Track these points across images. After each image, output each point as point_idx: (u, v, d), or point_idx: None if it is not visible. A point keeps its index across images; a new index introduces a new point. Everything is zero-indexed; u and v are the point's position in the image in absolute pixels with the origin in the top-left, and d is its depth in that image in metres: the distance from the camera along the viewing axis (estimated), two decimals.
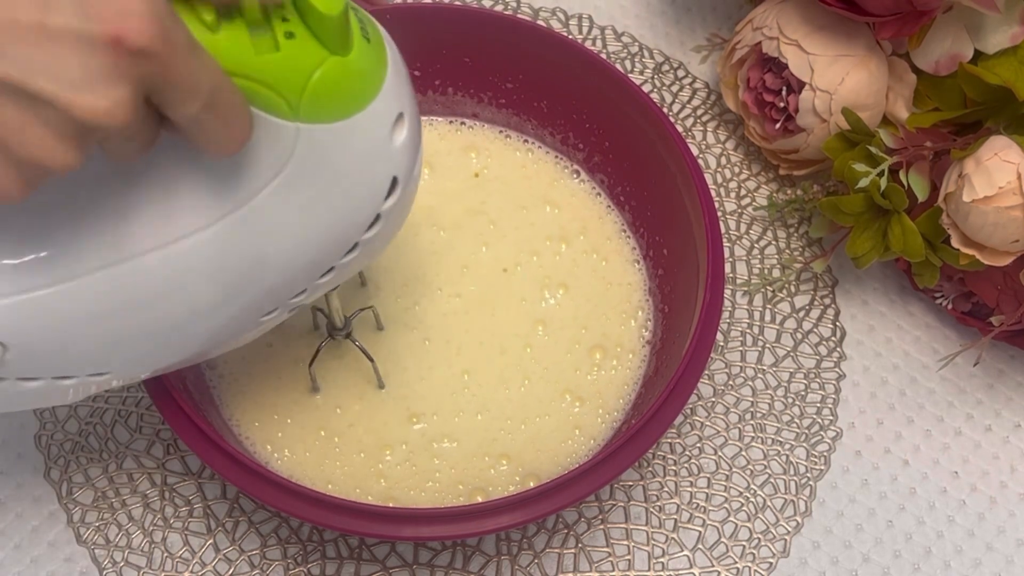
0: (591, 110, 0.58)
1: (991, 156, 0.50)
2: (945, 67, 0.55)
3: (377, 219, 0.40)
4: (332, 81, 0.35)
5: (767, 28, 0.58)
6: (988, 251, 0.51)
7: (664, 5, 0.70)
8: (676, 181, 0.53)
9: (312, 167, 0.36)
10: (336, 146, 0.36)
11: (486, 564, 0.52)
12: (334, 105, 0.35)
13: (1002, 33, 0.54)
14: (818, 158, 0.59)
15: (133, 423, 0.53)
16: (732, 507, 0.54)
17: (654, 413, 0.46)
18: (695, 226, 0.51)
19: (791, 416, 0.56)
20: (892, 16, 0.54)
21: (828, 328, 0.59)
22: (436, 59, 0.59)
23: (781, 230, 0.62)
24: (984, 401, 0.58)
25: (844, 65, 0.56)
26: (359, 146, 0.37)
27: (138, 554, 0.51)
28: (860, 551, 0.54)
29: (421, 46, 0.58)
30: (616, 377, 0.54)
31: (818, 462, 0.55)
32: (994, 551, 0.54)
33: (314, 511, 0.43)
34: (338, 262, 0.41)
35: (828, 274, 0.61)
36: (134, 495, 0.52)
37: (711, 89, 0.67)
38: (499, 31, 0.57)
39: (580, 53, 0.56)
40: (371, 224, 0.40)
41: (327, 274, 0.41)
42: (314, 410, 0.51)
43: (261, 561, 0.51)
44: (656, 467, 0.55)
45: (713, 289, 0.49)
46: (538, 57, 0.57)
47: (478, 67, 0.59)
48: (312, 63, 0.34)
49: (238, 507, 0.52)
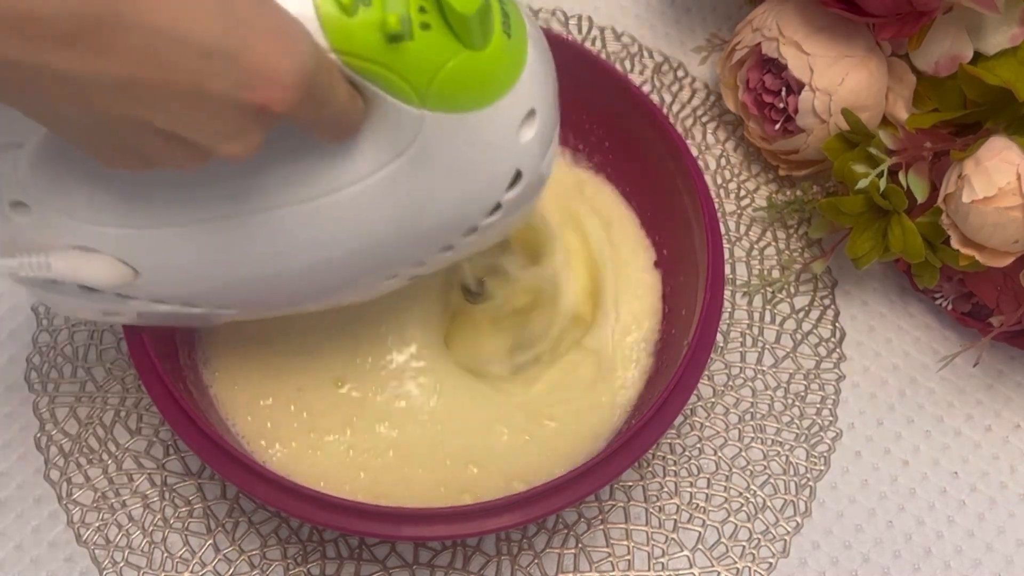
0: (591, 110, 0.58)
1: (991, 157, 0.50)
2: (945, 68, 0.55)
3: (498, 207, 0.40)
4: (462, 75, 0.35)
5: (767, 29, 0.58)
6: (988, 252, 0.51)
7: (664, 6, 0.70)
8: (676, 182, 0.53)
9: (435, 152, 0.37)
10: (461, 136, 0.36)
11: (486, 564, 0.52)
12: (462, 97, 0.35)
13: (1002, 34, 0.54)
14: (818, 159, 0.59)
15: (133, 424, 0.53)
16: (732, 507, 0.54)
17: (654, 413, 0.46)
18: (695, 227, 0.51)
19: (791, 417, 0.56)
20: (892, 17, 0.54)
21: (828, 329, 0.59)
22: None
23: (781, 231, 0.62)
24: (984, 401, 0.58)
25: (844, 66, 0.56)
26: (484, 138, 0.37)
27: (138, 554, 0.51)
28: (860, 551, 0.54)
29: None
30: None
31: (818, 462, 0.55)
32: (994, 551, 0.54)
33: (314, 511, 0.43)
34: (458, 241, 0.41)
35: (828, 275, 0.61)
36: (134, 496, 0.52)
37: (711, 90, 0.67)
38: None
39: (580, 53, 0.56)
40: (492, 211, 0.40)
41: (446, 250, 0.42)
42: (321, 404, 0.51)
43: (261, 561, 0.51)
44: (656, 467, 0.55)
45: (713, 290, 0.49)
46: None
47: None
48: (444, 56, 0.34)
49: (238, 507, 0.52)
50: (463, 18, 0.33)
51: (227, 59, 0.30)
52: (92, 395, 0.54)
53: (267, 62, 0.30)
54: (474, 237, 0.41)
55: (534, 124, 0.38)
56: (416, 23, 0.33)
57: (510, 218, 0.41)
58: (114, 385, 0.54)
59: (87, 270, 0.38)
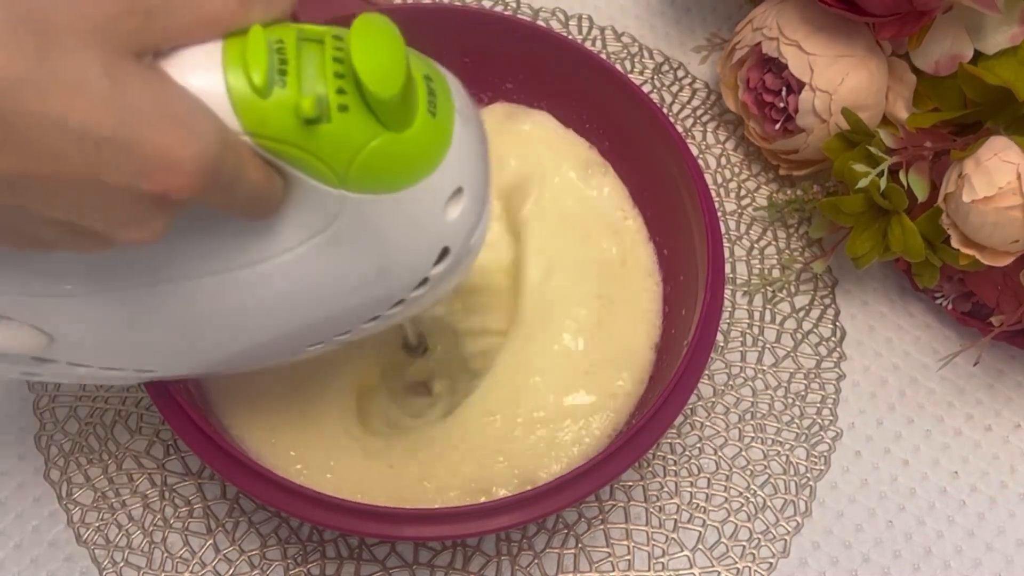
0: (591, 110, 0.58)
1: (991, 156, 0.50)
2: (945, 67, 0.55)
3: (425, 281, 0.39)
4: (383, 157, 0.33)
5: (767, 28, 0.58)
6: (988, 251, 0.51)
7: (664, 5, 0.70)
8: (676, 181, 0.53)
9: (358, 230, 0.36)
10: (384, 215, 0.35)
11: (486, 564, 0.52)
12: (384, 179, 0.34)
13: (1002, 33, 0.54)
14: (818, 158, 0.59)
15: (133, 423, 0.53)
16: (732, 507, 0.54)
17: (654, 413, 0.46)
18: (695, 226, 0.51)
19: (791, 416, 0.56)
20: (892, 16, 0.54)
21: (828, 328, 0.59)
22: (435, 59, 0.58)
23: (781, 230, 0.62)
24: (984, 401, 0.58)
25: (844, 65, 0.56)
26: (409, 217, 0.36)
27: (138, 554, 0.51)
28: (860, 551, 0.54)
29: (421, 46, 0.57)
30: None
31: (818, 462, 0.55)
32: (994, 551, 0.54)
33: (314, 511, 0.43)
34: (384, 313, 0.40)
35: (828, 274, 0.61)
36: (134, 495, 0.52)
37: (711, 89, 0.67)
38: (499, 31, 0.57)
39: (580, 53, 0.56)
40: (418, 285, 0.39)
41: (373, 321, 0.41)
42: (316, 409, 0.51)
43: (261, 561, 0.51)
44: (656, 467, 0.55)
45: (713, 289, 0.49)
46: (538, 57, 0.57)
47: (478, 67, 0.59)
48: (364, 138, 0.33)
49: (238, 507, 0.52)
50: (383, 101, 0.32)
51: (123, 148, 0.28)
52: (92, 395, 0.54)
53: (165, 149, 0.29)
54: (400, 308, 0.40)
55: (461, 202, 0.37)
56: (334, 105, 0.32)
57: (438, 291, 0.40)
58: (114, 386, 0.54)
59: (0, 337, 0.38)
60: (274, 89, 0.31)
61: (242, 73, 0.31)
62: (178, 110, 0.30)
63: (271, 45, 0.32)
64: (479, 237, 0.39)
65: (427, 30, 0.57)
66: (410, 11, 0.57)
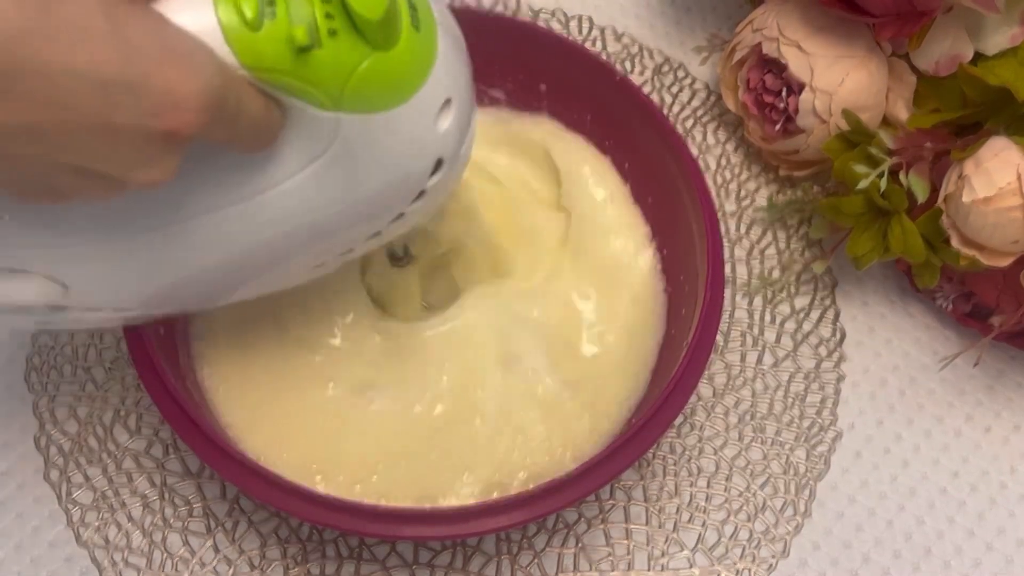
0: (591, 111, 0.58)
1: (991, 157, 0.50)
2: (945, 68, 0.55)
3: (422, 194, 0.40)
4: (374, 76, 0.35)
5: (767, 29, 0.58)
6: (988, 252, 0.51)
7: (664, 6, 0.70)
8: (676, 182, 0.53)
9: (355, 151, 0.37)
10: (379, 133, 0.37)
11: (486, 564, 0.52)
12: (376, 98, 0.36)
13: (1002, 34, 0.54)
14: (818, 159, 0.59)
15: (132, 423, 0.53)
16: (732, 507, 0.54)
17: (654, 413, 0.46)
18: (695, 227, 0.51)
19: (791, 417, 0.56)
20: (892, 17, 0.54)
21: (828, 329, 0.59)
22: None
23: (781, 231, 0.62)
24: (984, 402, 0.58)
25: (844, 66, 0.56)
26: (402, 133, 0.37)
27: (138, 554, 0.51)
28: (860, 551, 0.54)
29: None
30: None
31: (818, 463, 0.55)
32: (994, 551, 0.54)
33: (314, 510, 0.43)
34: (385, 228, 0.42)
35: (828, 275, 0.61)
36: (133, 495, 0.52)
37: (711, 90, 0.67)
38: (499, 32, 0.57)
39: (580, 54, 0.56)
40: (416, 198, 0.40)
41: (374, 237, 0.42)
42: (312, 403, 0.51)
43: (261, 561, 0.51)
44: (656, 467, 0.55)
45: (713, 290, 0.49)
46: (538, 58, 0.57)
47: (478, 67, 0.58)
48: (354, 60, 0.34)
49: (238, 507, 0.52)
50: (370, 22, 0.33)
51: (129, 89, 0.29)
52: (92, 395, 0.54)
53: (171, 87, 0.30)
54: (401, 222, 0.42)
55: (451, 112, 0.38)
56: (324, 31, 0.33)
57: (435, 201, 0.42)
58: (114, 385, 0.54)
59: (16, 290, 0.38)
60: (265, 22, 0.32)
61: (233, 8, 0.32)
62: (178, 47, 0.30)
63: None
64: (468, 144, 0.41)
65: None
66: None
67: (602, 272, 0.56)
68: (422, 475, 0.50)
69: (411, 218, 0.42)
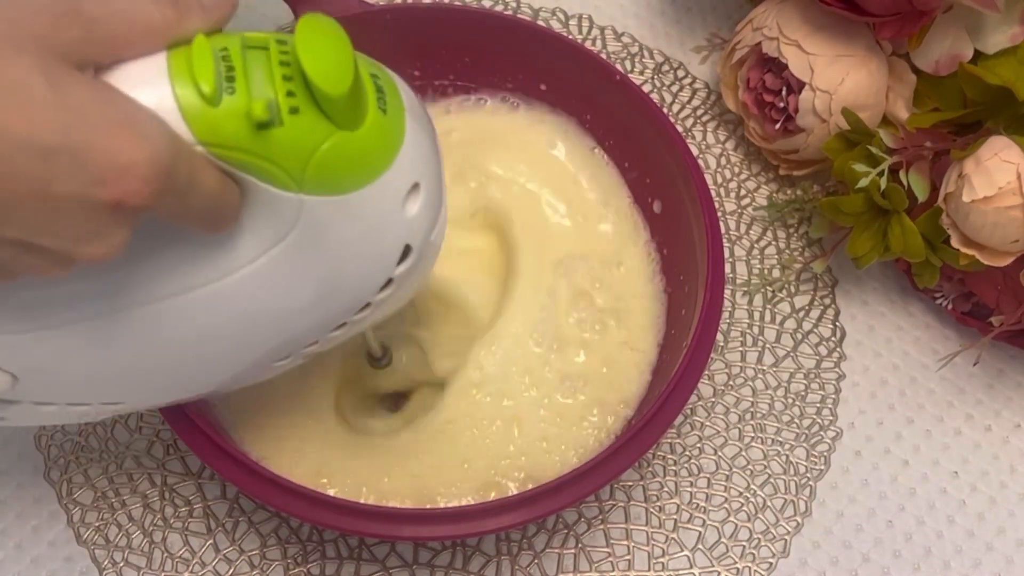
0: (591, 110, 0.58)
1: (991, 156, 0.50)
2: (945, 67, 0.55)
3: (390, 282, 0.38)
4: (338, 157, 0.33)
5: (767, 28, 0.58)
6: (988, 251, 0.51)
7: (664, 5, 0.70)
8: (676, 181, 0.53)
9: (319, 235, 0.35)
10: (344, 216, 0.35)
11: (486, 564, 0.52)
12: (341, 179, 0.34)
13: (1002, 33, 0.54)
14: (818, 158, 0.59)
15: (133, 423, 0.53)
16: (732, 507, 0.54)
17: (654, 413, 0.46)
18: (695, 226, 0.51)
19: (791, 416, 0.56)
20: (892, 16, 0.54)
21: (828, 328, 0.59)
22: (436, 59, 0.59)
23: (781, 230, 0.62)
24: (984, 401, 0.58)
25: (844, 65, 0.56)
26: (368, 217, 0.36)
27: (138, 554, 0.51)
28: (860, 551, 0.54)
29: (421, 46, 0.58)
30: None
31: (818, 462, 0.55)
32: (994, 551, 0.54)
33: (313, 511, 0.43)
34: (351, 319, 0.40)
35: (828, 274, 0.61)
36: (134, 495, 0.52)
37: (711, 89, 0.67)
38: (499, 31, 0.57)
39: (580, 53, 0.56)
40: (383, 287, 0.38)
41: (340, 328, 0.40)
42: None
43: (261, 561, 0.51)
44: (656, 467, 0.55)
45: (713, 289, 0.49)
46: (538, 57, 0.57)
47: (478, 67, 0.59)
48: (317, 139, 0.32)
49: (238, 507, 0.52)
50: (333, 100, 0.32)
51: (72, 156, 0.27)
52: None
53: (117, 154, 0.28)
54: (367, 312, 0.39)
55: (419, 197, 0.36)
56: (285, 108, 0.31)
57: (403, 291, 0.40)
58: None
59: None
60: (223, 97, 0.31)
61: (190, 83, 0.31)
62: (126, 115, 0.29)
63: (216, 54, 0.31)
64: (439, 233, 0.39)
65: (427, 30, 0.57)
66: (410, 11, 0.57)
67: (602, 272, 0.56)
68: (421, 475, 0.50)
69: (379, 309, 0.40)
